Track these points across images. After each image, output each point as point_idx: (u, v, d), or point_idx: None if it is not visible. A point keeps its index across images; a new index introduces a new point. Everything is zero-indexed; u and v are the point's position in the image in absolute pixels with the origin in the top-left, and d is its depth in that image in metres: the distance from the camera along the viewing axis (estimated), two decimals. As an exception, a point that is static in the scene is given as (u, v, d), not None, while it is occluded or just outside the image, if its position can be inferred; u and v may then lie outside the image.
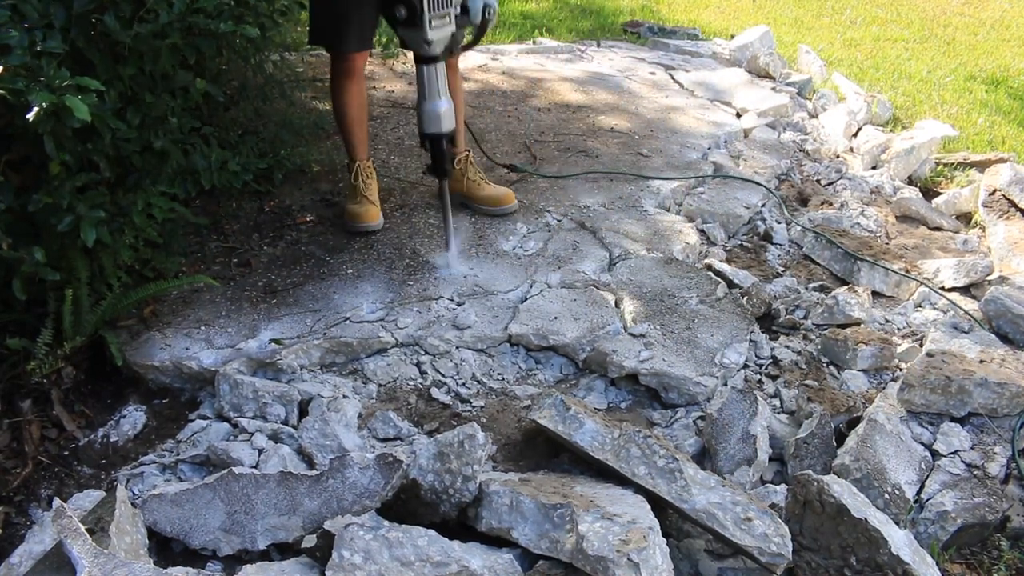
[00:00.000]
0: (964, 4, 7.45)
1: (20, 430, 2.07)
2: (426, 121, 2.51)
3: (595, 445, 1.92)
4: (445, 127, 2.52)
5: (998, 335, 2.65)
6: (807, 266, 3.10)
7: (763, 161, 3.80)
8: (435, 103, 2.48)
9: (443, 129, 2.52)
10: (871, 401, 2.34)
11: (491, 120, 3.95)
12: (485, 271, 2.74)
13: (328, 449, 2.03)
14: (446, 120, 2.51)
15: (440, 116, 2.50)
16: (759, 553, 1.70)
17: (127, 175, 2.27)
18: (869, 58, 5.65)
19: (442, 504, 1.80)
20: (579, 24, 5.97)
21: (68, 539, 1.51)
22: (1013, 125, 4.54)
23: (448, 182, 2.66)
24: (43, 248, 2.00)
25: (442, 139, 2.54)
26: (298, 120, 3.30)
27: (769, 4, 7.12)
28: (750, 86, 4.74)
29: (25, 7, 1.86)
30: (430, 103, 2.49)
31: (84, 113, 1.76)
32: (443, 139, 2.54)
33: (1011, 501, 2.06)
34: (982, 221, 3.43)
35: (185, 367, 2.26)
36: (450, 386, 2.34)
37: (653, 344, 2.43)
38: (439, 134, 2.52)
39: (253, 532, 1.77)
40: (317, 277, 2.66)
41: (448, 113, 2.51)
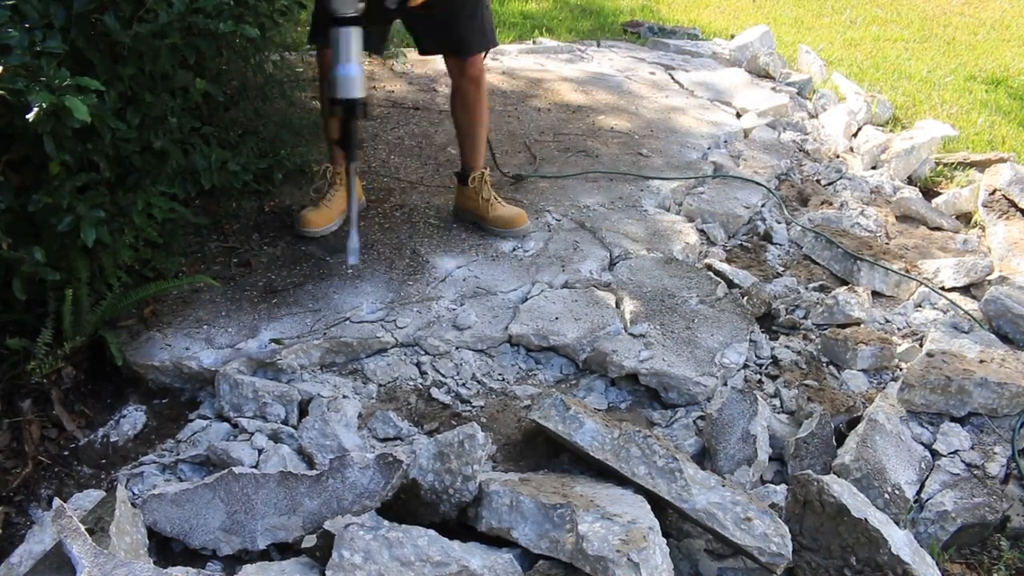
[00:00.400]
0: (964, 4, 7.45)
1: (20, 430, 2.07)
2: (338, 85, 2.31)
3: (595, 445, 1.92)
4: (355, 92, 2.32)
5: (998, 335, 2.65)
6: (807, 266, 3.10)
7: (763, 161, 3.80)
8: (346, 66, 2.31)
9: (352, 95, 2.32)
10: (871, 401, 2.34)
11: (491, 120, 3.93)
12: (485, 271, 2.74)
13: (328, 449, 2.03)
14: (357, 85, 2.32)
15: (351, 80, 2.31)
16: (759, 553, 1.70)
17: (127, 175, 2.27)
18: (869, 58, 5.65)
19: (442, 504, 1.80)
20: (579, 24, 5.97)
21: (68, 539, 1.51)
22: (1013, 125, 4.54)
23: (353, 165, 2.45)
24: (43, 248, 2.00)
25: (354, 107, 2.34)
26: (298, 120, 3.29)
27: (769, 4, 7.11)
28: (750, 86, 4.74)
29: (25, 7, 1.86)
30: (341, 66, 2.31)
31: (84, 113, 1.76)
32: (354, 107, 2.34)
33: (1011, 501, 2.06)
34: (982, 221, 3.43)
35: (185, 367, 2.26)
36: (450, 386, 2.34)
37: (653, 344, 2.43)
38: (351, 99, 2.33)
39: (253, 532, 1.77)
40: (317, 277, 2.66)
41: (359, 79, 2.32)
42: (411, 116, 3.92)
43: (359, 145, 2.40)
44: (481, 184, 2.91)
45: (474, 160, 2.91)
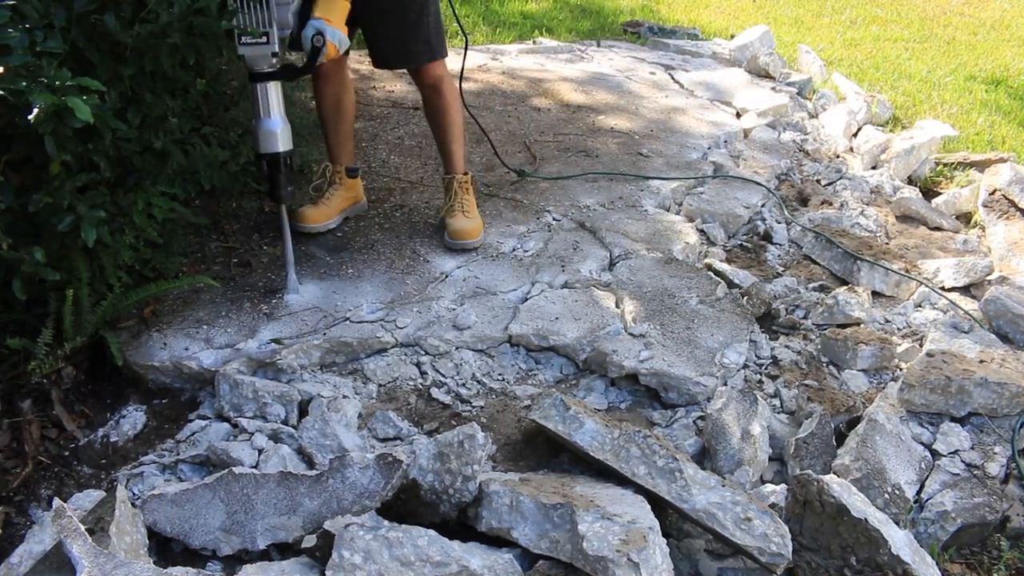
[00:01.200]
0: (964, 4, 7.45)
1: (20, 430, 2.07)
2: (260, 140, 2.38)
3: (595, 445, 1.92)
4: (277, 146, 2.38)
5: (998, 335, 2.65)
6: (807, 266, 3.10)
7: (763, 161, 3.80)
8: (268, 121, 2.37)
9: (278, 148, 2.38)
10: (871, 401, 2.34)
11: (491, 120, 3.95)
12: (485, 271, 2.74)
13: (328, 449, 2.03)
14: (282, 139, 2.38)
15: (274, 135, 2.37)
16: (759, 553, 1.70)
17: (127, 175, 2.27)
18: (869, 58, 5.65)
19: (442, 504, 1.81)
20: (579, 24, 5.97)
21: (68, 539, 1.51)
22: (1013, 125, 4.54)
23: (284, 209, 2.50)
24: (43, 248, 2.00)
25: (276, 159, 2.39)
26: (298, 120, 3.30)
27: (769, 4, 7.11)
28: (750, 86, 4.74)
29: (26, 7, 1.86)
30: (262, 121, 2.37)
31: (86, 113, 1.75)
32: (277, 159, 2.39)
33: (1011, 501, 2.06)
34: (982, 221, 3.43)
35: (185, 367, 2.26)
36: (450, 386, 2.34)
37: (653, 344, 2.43)
38: (274, 153, 2.39)
39: (253, 532, 1.77)
40: (317, 277, 2.66)
41: (284, 133, 2.39)
42: (411, 116, 3.92)
43: (287, 196, 2.47)
44: (449, 188, 2.90)
45: (447, 165, 2.91)
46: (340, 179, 2.89)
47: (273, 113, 2.37)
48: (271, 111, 2.36)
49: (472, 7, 6.05)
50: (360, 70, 4.45)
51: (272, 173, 2.42)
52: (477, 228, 2.87)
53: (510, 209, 3.13)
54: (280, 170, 2.41)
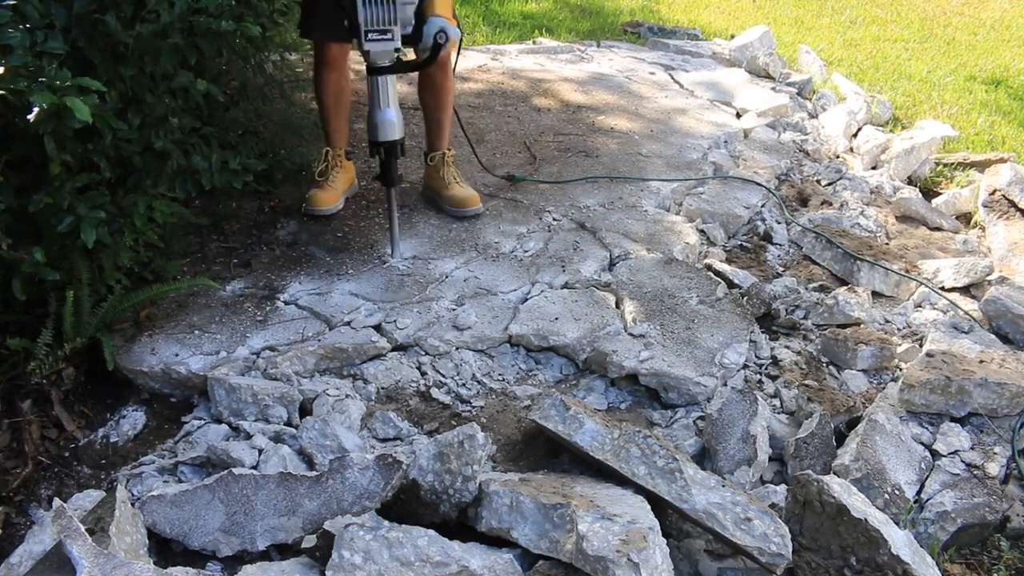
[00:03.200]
0: (964, 4, 7.45)
1: (20, 430, 2.07)
2: (377, 130, 2.57)
3: (595, 445, 1.92)
4: (395, 135, 2.58)
5: (998, 335, 2.65)
6: (807, 266, 3.10)
7: (763, 161, 3.80)
8: (386, 112, 2.55)
9: (393, 136, 2.57)
10: (871, 401, 2.34)
11: (491, 120, 3.95)
12: (486, 272, 2.74)
13: (328, 449, 2.03)
14: (396, 128, 2.58)
15: (391, 124, 2.56)
16: (759, 553, 1.70)
17: (127, 175, 2.27)
18: (869, 58, 5.65)
19: (442, 504, 1.80)
20: (579, 24, 5.97)
21: (68, 539, 1.51)
22: (1013, 125, 4.54)
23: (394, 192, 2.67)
24: (43, 248, 2.00)
25: (394, 146, 2.59)
26: (298, 120, 3.30)
27: (769, 4, 7.11)
28: (750, 86, 4.74)
29: (26, 7, 1.86)
30: (380, 112, 2.55)
31: (85, 114, 1.76)
32: (395, 147, 2.59)
33: (1011, 501, 2.06)
34: (982, 221, 3.43)
35: (174, 372, 2.24)
36: (450, 386, 2.34)
37: (653, 344, 2.43)
38: (390, 141, 2.58)
39: (253, 533, 1.77)
40: (317, 278, 2.66)
41: (398, 122, 2.58)
42: (411, 116, 3.92)
43: (399, 180, 2.69)
44: (441, 163, 3.07)
45: (437, 141, 3.07)
46: (340, 162, 3.03)
47: (390, 104, 2.56)
48: (388, 102, 2.56)
49: (472, 7, 6.05)
50: (360, 70, 4.45)
51: (387, 159, 2.62)
52: (476, 195, 3.08)
53: (510, 209, 3.13)
54: (395, 156, 2.62)
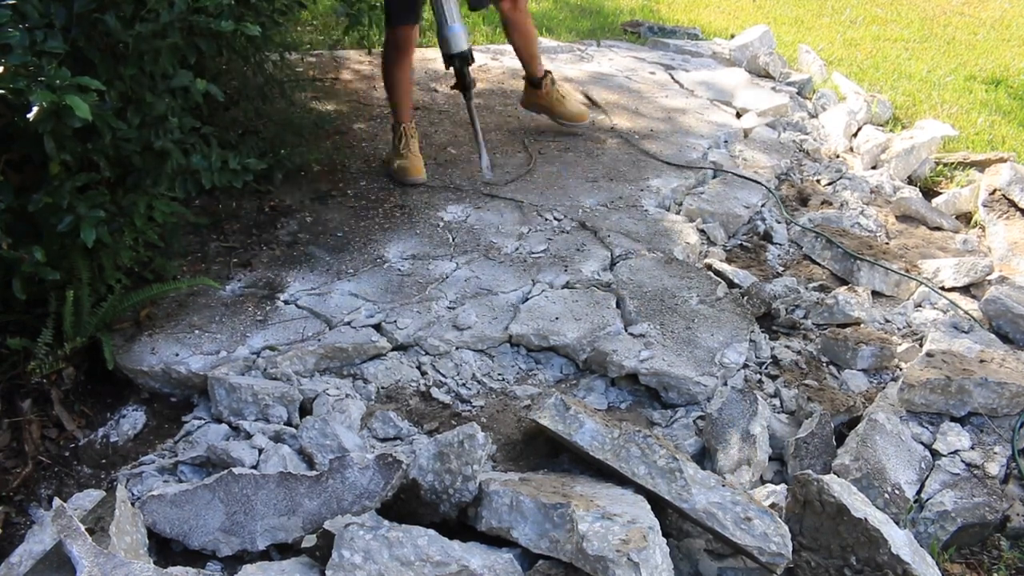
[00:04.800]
0: (964, 4, 7.45)
1: (20, 430, 2.07)
2: (448, 43, 2.92)
3: (595, 445, 1.92)
4: (463, 46, 2.93)
5: (998, 335, 2.65)
6: (807, 266, 3.10)
7: (763, 161, 3.80)
8: (452, 26, 2.90)
9: (461, 48, 2.92)
10: (871, 401, 2.34)
11: (491, 120, 3.95)
12: (486, 272, 2.74)
13: (328, 449, 2.03)
14: (461, 40, 2.92)
15: (458, 37, 2.91)
16: (759, 553, 1.70)
17: (127, 175, 2.26)
18: (869, 58, 5.65)
19: (442, 504, 1.80)
20: (579, 24, 5.97)
21: (68, 539, 1.51)
22: (1013, 125, 4.54)
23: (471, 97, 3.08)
24: (43, 248, 2.00)
25: (465, 57, 2.95)
26: (298, 120, 3.30)
27: (769, 4, 7.11)
28: (750, 86, 4.74)
29: (26, 7, 1.86)
30: (448, 28, 2.90)
31: (85, 113, 1.75)
32: (465, 56, 2.95)
33: (1011, 501, 2.06)
34: (982, 221, 3.43)
35: (174, 372, 2.24)
36: (450, 386, 2.34)
37: (653, 344, 2.43)
38: (460, 52, 2.93)
39: (253, 533, 1.77)
40: (317, 277, 2.66)
41: (464, 35, 2.93)
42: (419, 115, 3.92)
43: (473, 84, 3.07)
44: (550, 85, 3.58)
45: (537, 69, 3.57)
46: (413, 133, 3.33)
47: (456, 20, 2.91)
48: (454, 18, 2.91)
49: (472, 7, 6.04)
50: (361, 71, 4.46)
51: (461, 68, 2.99)
52: (586, 111, 3.66)
53: (511, 209, 3.13)
54: (468, 64, 2.99)
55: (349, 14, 3.37)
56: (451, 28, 2.89)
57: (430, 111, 3.99)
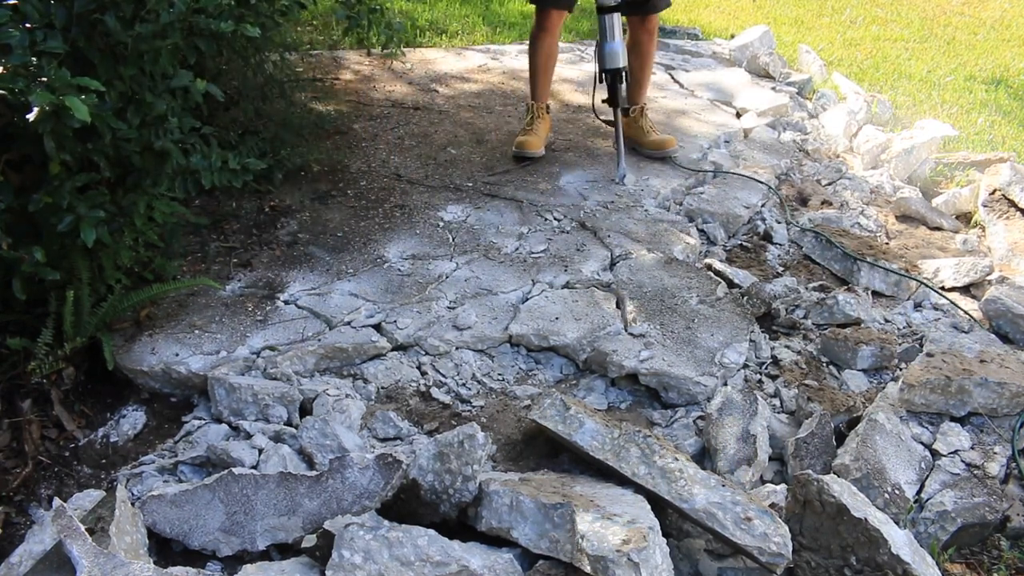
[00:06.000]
0: (964, 4, 7.45)
1: (20, 430, 2.07)
2: (605, 58, 3.15)
3: (595, 445, 1.92)
4: (619, 63, 3.14)
5: (998, 335, 2.65)
6: (807, 266, 3.10)
7: (763, 161, 3.80)
8: (612, 43, 3.11)
9: (618, 64, 3.14)
10: (871, 401, 2.34)
11: (491, 120, 3.95)
12: (486, 272, 2.74)
13: (328, 449, 2.03)
14: (618, 57, 3.14)
15: (616, 54, 3.14)
16: (759, 553, 1.70)
17: (127, 175, 2.26)
18: (869, 58, 5.65)
19: (442, 504, 1.80)
20: (579, 24, 5.97)
21: (68, 539, 1.51)
22: (1013, 125, 4.54)
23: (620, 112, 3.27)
24: (43, 248, 2.00)
25: (618, 72, 3.15)
26: (298, 120, 3.30)
27: (769, 4, 7.11)
28: (750, 86, 4.74)
29: (26, 7, 1.86)
30: (608, 44, 3.12)
31: (84, 113, 1.75)
32: (619, 72, 3.15)
33: (1011, 501, 2.06)
34: (982, 221, 3.43)
35: (174, 372, 2.24)
36: (450, 386, 2.34)
37: (653, 344, 2.43)
38: (615, 68, 3.15)
39: (253, 533, 1.77)
40: (317, 278, 2.66)
41: (620, 52, 3.14)
42: (411, 116, 3.92)
43: (622, 102, 3.28)
44: (639, 115, 3.61)
45: (637, 96, 3.58)
46: (542, 113, 3.53)
47: (616, 37, 3.13)
48: (614, 36, 3.13)
49: (472, 7, 6.05)
50: (361, 71, 4.46)
51: (613, 83, 3.21)
52: (672, 139, 3.63)
53: (511, 209, 3.13)
54: (620, 81, 3.20)
55: (349, 16, 3.37)
56: (611, 44, 3.11)
57: (430, 111, 4.00)
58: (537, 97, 3.51)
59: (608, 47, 3.11)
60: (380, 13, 3.47)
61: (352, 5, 3.35)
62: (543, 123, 3.54)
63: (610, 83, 3.18)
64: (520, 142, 3.45)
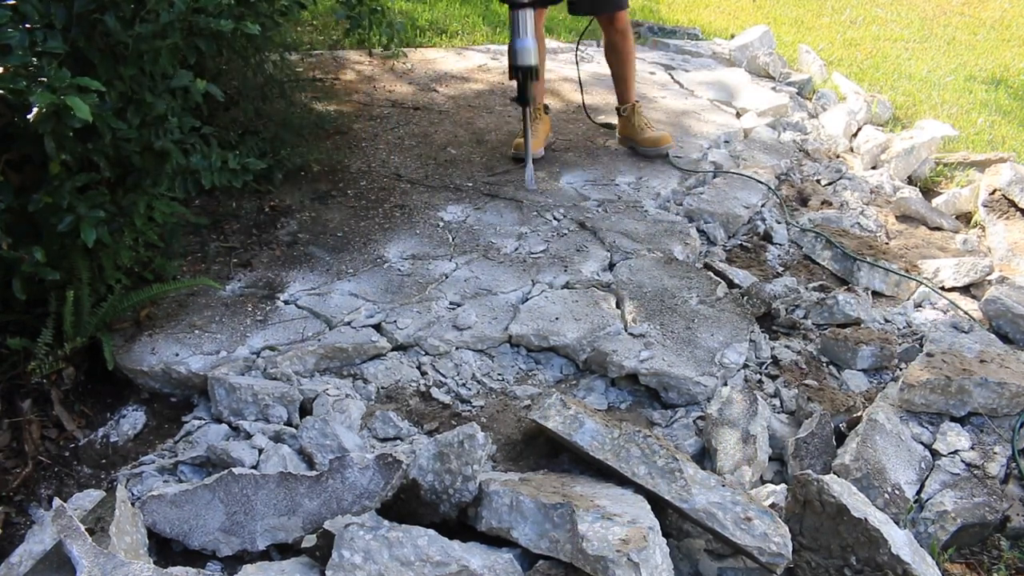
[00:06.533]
0: (964, 4, 7.45)
1: (20, 430, 2.07)
2: (516, 55, 2.99)
3: (595, 445, 1.92)
4: (529, 61, 3.00)
5: (998, 335, 2.65)
6: (807, 266, 3.10)
7: (763, 161, 3.80)
8: (523, 40, 2.97)
9: (529, 62, 3.00)
10: (871, 401, 2.34)
11: (491, 120, 3.95)
12: (486, 272, 2.74)
13: (328, 449, 2.03)
14: (530, 55, 2.99)
15: (525, 51, 2.98)
16: (759, 553, 1.70)
17: (127, 175, 2.26)
18: (869, 58, 5.65)
19: (442, 504, 1.80)
20: (579, 24, 5.96)
21: (68, 539, 1.51)
22: (1013, 125, 4.54)
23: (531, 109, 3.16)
24: (43, 248, 2.00)
25: (529, 71, 3.01)
26: (298, 120, 3.30)
27: (769, 4, 7.11)
28: (750, 86, 4.74)
29: (26, 7, 1.86)
30: (519, 40, 2.97)
31: (85, 113, 1.75)
32: (529, 71, 3.01)
33: (1011, 501, 2.06)
34: (982, 221, 3.43)
35: (174, 372, 2.24)
36: (450, 386, 2.34)
37: (653, 344, 2.43)
38: (525, 66, 3.00)
39: (252, 533, 1.77)
40: (317, 278, 2.66)
41: (532, 49, 2.99)
42: (411, 116, 3.92)
43: (532, 100, 3.15)
44: (632, 113, 3.57)
45: (626, 95, 3.56)
46: (540, 115, 3.51)
47: (528, 34, 2.98)
48: (526, 32, 2.97)
49: (472, 7, 6.05)
50: (362, 71, 4.46)
51: (524, 81, 3.07)
52: (668, 135, 3.55)
53: (511, 210, 3.13)
54: (530, 79, 3.06)
55: (350, 16, 3.37)
56: (522, 41, 2.97)
57: (430, 111, 4.00)
58: None
59: (519, 44, 2.98)
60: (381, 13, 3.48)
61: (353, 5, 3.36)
62: (541, 125, 3.51)
63: (520, 81, 3.06)
64: (519, 143, 3.41)
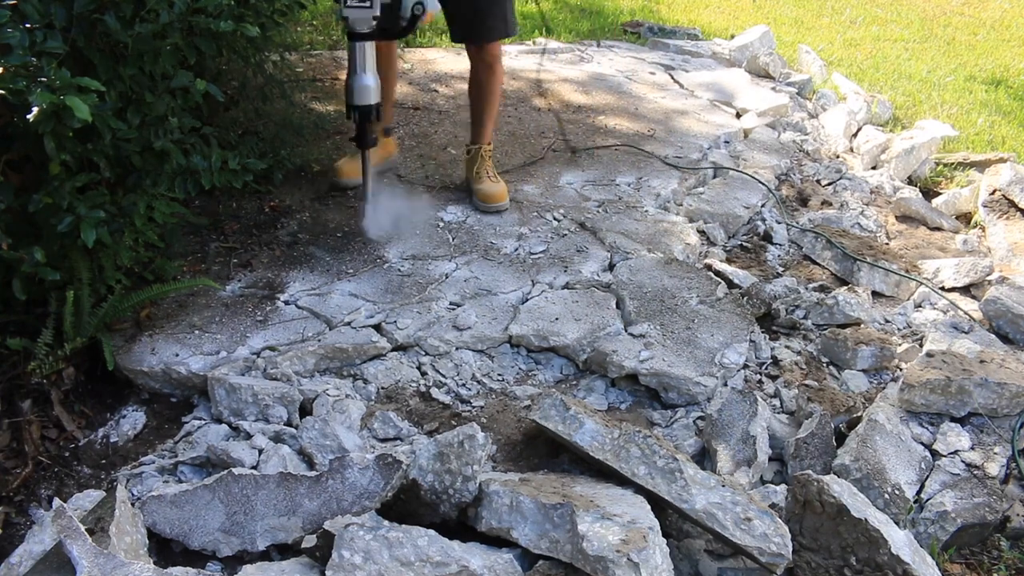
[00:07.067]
0: (964, 4, 7.45)
1: (20, 430, 2.07)
2: (354, 94, 2.64)
3: (595, 445, 1.92)
4: (367, 100, 2.64)
5: (998, 335, 2.65)
6: (807, 266, 3.10)
7: (763, 161, 3.80)
8: (363, 77, 2.62)
9: (368, 101, 2.64)
10: (871, 401, 2.34)
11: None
12: (486, 272, 2.74)
13: (328, 449, 2.03)
14: (369, 94, 2.63)
15: (367, 89, 2.63)
16: (759, 553, 1.70)
17: (127, 175, 2.26)
18: (869, 58, 5.65)
19: (442, 504, 1.80)
20: (579, 24, 5.97)
21: (68, 539, 1.51)
22: (1013, 125, 4.54)
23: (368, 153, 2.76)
24: (43, 248, 2.00)
25: (368, 110, 2.65)
26: (298, 120, 3.30)
27: (769, 4, 7.12)
28: (750, 86, 4.74)
29: (26, 7, 1.86)
30: (356, 77, 2.62)
31: (85, 113, 1.75)
32: (369, 111, 2.65)
33: (1011, 501, 2.06)
34: (982, 221, 3.43)
35: (174, 372, 2.24)
36: (450, 386, 2.34)
37: (653, 344, 2.43)
38: (365, 106, 2.64)
39: (252, 533, 1.77)
40: (317, 278, 2.66)
41: (373, 88, 2.64)
42: (411, 116, 3.92)
43: (372, 143, 2.75)
44: (476, 157, 3.13)
45: (477, 135, 3.14)
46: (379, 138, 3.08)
47: (368, 69, 2.62)
48: (366, 68, 2.61)
49: (472, 7, 6.04)
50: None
51: (362, 122, 2.69)
52: (504, 191, 3.13)
53: (511, 210, 3.13)
54: (370, 120, 2.68)
55: (350, 16, 3.36)
56: (363, 79, 2.61)
57: (430, 111, 4.00)
58: None
59: (359, 81, 2.61)
60: (380, 14, 3.46)
61: (352, 5, 3.34)
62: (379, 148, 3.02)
63: (358, 122, 2.67)
64: (336, 168, 3.16)
